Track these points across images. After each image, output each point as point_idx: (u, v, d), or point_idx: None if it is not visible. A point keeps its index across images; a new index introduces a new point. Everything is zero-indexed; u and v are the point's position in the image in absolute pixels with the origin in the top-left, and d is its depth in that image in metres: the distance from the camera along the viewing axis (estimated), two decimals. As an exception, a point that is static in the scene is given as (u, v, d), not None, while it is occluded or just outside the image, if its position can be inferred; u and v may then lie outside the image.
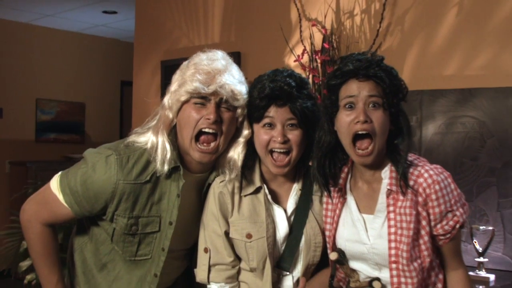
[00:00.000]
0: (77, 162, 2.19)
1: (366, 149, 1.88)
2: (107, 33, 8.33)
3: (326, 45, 3.83)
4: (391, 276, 1.89)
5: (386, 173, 1.94)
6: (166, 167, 2.10)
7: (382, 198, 1.93)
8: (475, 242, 3.14)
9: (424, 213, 1.88)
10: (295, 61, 3.90)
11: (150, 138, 2.14)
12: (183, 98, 2.08)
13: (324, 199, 2.11)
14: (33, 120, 8.02)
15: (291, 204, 2.14)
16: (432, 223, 1.88)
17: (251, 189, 2.13)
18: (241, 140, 2.16)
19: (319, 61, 3.85)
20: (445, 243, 1.91)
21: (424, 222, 1.88)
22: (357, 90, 1.89)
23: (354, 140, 1.90)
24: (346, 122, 1.90)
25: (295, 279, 2.12)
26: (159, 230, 2.17)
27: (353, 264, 2.01)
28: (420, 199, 1.87)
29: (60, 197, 2.14)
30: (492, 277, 3.07)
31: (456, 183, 1.93)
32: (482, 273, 3.08)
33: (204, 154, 2.10)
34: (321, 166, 2.01)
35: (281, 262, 2.10)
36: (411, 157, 1.96)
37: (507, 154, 3.31)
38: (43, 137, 8.12)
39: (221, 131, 2.09)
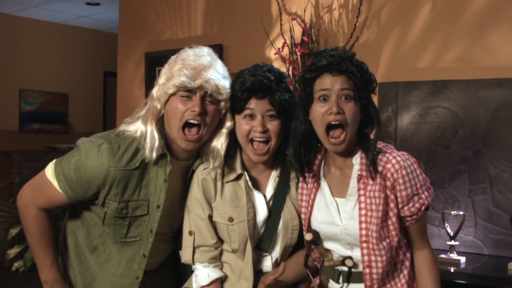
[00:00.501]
0: (61, 152, 2.30)
1: (339, 138, 2.01)
2: (90, 24, 8.33)
3: (305, 39, 3.91)
4: (362, 255, 2.02)
5: (357, 160, 2.07)
6: (154, 154, 2.22)
7: (353, 183, 2.06)
8: (446, 226, 3.26)
9: (392, 196, 2.01)
10: (275, 53, 3.98)
11: (140, 127, 2.25)
12: (170, 91, 2.20)
13: (300, 184, 2.23)
14: (16, 111, 8.02)
15: (270, 190, 2.26)
16: (400, 206, 2.02)
17: (232, 176, 2.25)
18: (224, 131, 2.28)
19: (298, 53, 3.93)
20: (411, 224, 2.05)
21: (392, 205, 2.01)
22: (330, 84, 2.01)
23: (328, 129, 2.02)
24: (320, 113, 2.02)
25: (273, 259, 2.24)
26: (147, 213, 2.29)
27: (327, 244, 2.14)
28: (388, 183, 2.00)
29: (55, 183, 2.25)
30: (463, 259, 3.19)
31: (429, 170, 2.07)
32: (454, 256, 3.20)
33: (189, 142, 2.22)
34: (296, 154, 2.14)
35: (261, 243, 2.23)
36: (379, 144, 2.09)
37: (477, 143, 3.42)
38: (27, 127, 8.12)
39: (205, 123, 2.22)
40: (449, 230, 3.26)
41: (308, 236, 2.14)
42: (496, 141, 3.38)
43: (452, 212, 3.32)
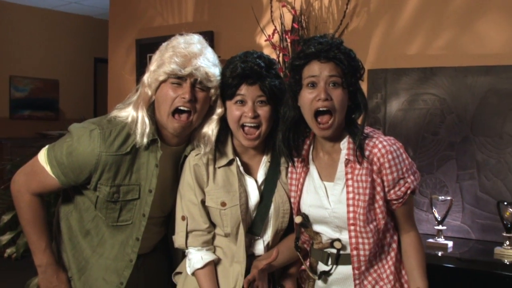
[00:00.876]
0: (52, 138, 2.33)
1: (327, 123, 2.04)
2: (80, 11, 8.31)
3: (295, 25, 3.93)
4: (350, 237, 2.06)
5: (345, 145, 2.10)
6: (145, 140, 2.25)
7: (341, 167, 2.10)
8: (434, 211, 3.31)
9: (378, 180, 2.05)
10: (266, 40, 4.00)
11: (131, 113, 2.28)
12: (161, 78, 2.23)
13: (289, 169, 2.26)
14: (7, 97, 8.00)
15: (261, 175, 2.30)
16: (386, 189, 2.06)
17: (224, 161, 2.28)
18: (215, 117, 2.30)
19: (289, 40, 3.94)
20: (398, 207, 2.09)
21: (378, 188, 2.05)
22: (318, 71, 2.04)
23: (316, 115, 2.05)
24: (309, 99, 2.05)
25: (265, 243, 2.28)
26: (139, 198, 2.32)
27: (316, 227, 2.18)
28: (375, 167, 2.04)
29: (48, 168, 2.28)
30: (450, 243, 3.25)
31: (417, 156, 2.11)
32: (441, 240, 3.25)
33: (178, 126, 2.25)
34: (285, 139, 2.17)
35: (253, 227, 2.26)
36: (367, 130, 2.12)
37: (465, 129, 3.46)
38: (18, 114, 8.11)
39: (195, 109, 2.25)
40: (436, 215, 3.31)
41: (297, 219, 2.18)
42: (484, 128, 3.42)
43: (440, 197, 3.36)
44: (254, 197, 2.27)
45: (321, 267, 2.20)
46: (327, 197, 2.13)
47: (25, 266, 3.06)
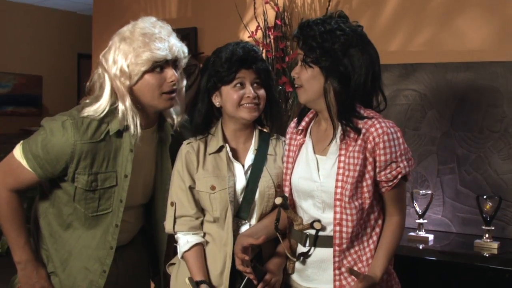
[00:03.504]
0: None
1: None
2: (64, 6, 8.26)
3: (278, 22, 3.96)
4: (335, 212, 2.10)
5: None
6: (139, 130, 2.29)
7: (336, 142, 2.15)
8: (415, 205, 3.36)
9: (370, 159, 2.07)
10: (249, 37, 4.02)
11: (103, 105, 2.29)
12: (144, 68, 2.25)
13: (287, 141, 2.35)
14: (-11, 94, 7.97)
15: (248, 161, 2.38)
16: (377, 170, 2.08)
17: (214, 148, 2.36)
18: (182, 89, 2.43)
19: (272, 37, 3.98)
20: (387, 190, 2.11)
21: (369, 167, 2.08)
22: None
23: None
24: None
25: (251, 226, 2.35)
26: (116, 184, 2.35)
27: (302, 203, 2.23)
28: (369, 146, 2.06)
29: (24, 162, 2.29)
30: (431, 237, 3.30)
31: None
32: (422, 233, 3.31)
33: (170, 104, 2.34)
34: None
35: (240, 212, 2.33)
36: (368, 112, 2.14)
37: (445, 125, 3.51)
38: (0, 110, 8.07)
39: (177, 87, 2.35)
40: (417, 209, 3.36)
41: (277, 200, 2.22)
42: (464, 123, 3.46)
43: (421, 191, 3.41)
44: (241, 181, 2.35)
45: (300, 249, 2.24)
46: (317, 171, 2.18)
47: (9, 263, 3.06)
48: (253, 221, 2.34)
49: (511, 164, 3.33)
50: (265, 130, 2.48)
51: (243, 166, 2.37)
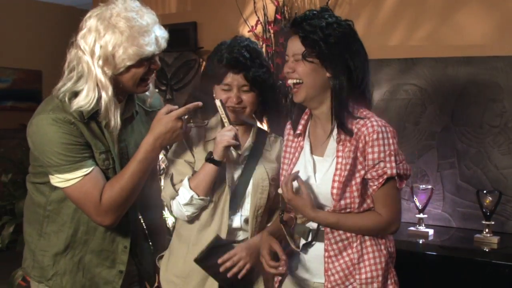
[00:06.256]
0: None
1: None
2: (63, 0, 8.25)
3: (278, 16, 3.97)
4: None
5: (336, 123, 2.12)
6: (118, 122, 2.24)
7: (332, 144, 2.13)
8: (415, 199, 3.36)
9: (361, 159, 2.05)
10: (249, 31, 4.03)
11: (102, 98, 2.20)
12: (130, 63, 2.19)
13: (285, 142, 2.33)
14: (-11, 89, 7.95)
15: (245, 152, 2.39)
16: (366, 168, 2.06)
17: (214, 135, 2.35)
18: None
19: (272, 31, 3.99)
20: (374, 190, 2.08)
21: (359, 167, 2.06)
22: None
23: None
24: None
25: (243, 218, 2.36)
26: (113, 164, 2.31)
27: None
28: (360, 145, 2.04)
29: (76, 174, 2.19)
30: (431, 231, 3.31)
31: (399, 146, 2.09)
32: (422, 228, 3.32)
33: (145, 90, 2.32)
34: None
35: (231, 202, 2.34)
36: (364, 112, 2.11)
37: (445, 119, 3.51)
38: (0, 105, 8.06)
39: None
40: (418, 204, 3.37)
41: (281, 191, 2.19)
42: (464, 118, 3.47)
43: (421, 186, 3.41)
44: (236, 170, 2.37)
45: (303, 243, 2.23)
46: (314, 173, 2.17)
47: (10, 257, 3.04)
48: (245, 211, 2.36)
49: (511, 158, 3.34)
50: (264, 126, 2.50)
51: (239, 155, 2.39)
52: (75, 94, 2.23)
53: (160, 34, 2.24)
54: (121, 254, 2.37)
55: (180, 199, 2.30)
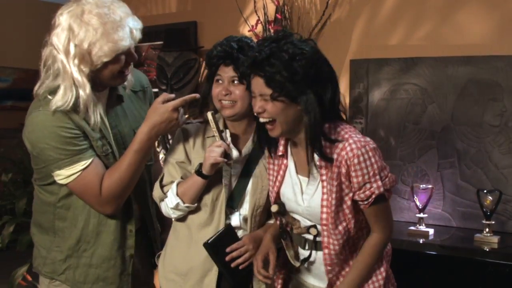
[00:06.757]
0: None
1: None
2: (63, 0, 8.26)
3: (278, 16, 3.96)
4: (322, 236, 2.09)
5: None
6: (98, 119, 2.25)
7: (315, 166, 2.10)
8: (416, 199, 3.36)
9: (347, 183, 2.03)
10: (249, 31, 4.03)
11: (80, 96, 2.19)
12: (107, 59, 2.18)
13: (267, 159, 2.31)
14: (-12, 88, 7.94)
15: (246, 150, 2.39)
16: (353, 190, 2.04)
17: (212, 133, 2.35)
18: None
19: (272, 31, 3.98)
20: (365, 207, 2.06)
21: (347, 190, 2.04)
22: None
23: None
24: None
25: (242, 216, 2.36)
26: (111, 150, 2.33)
27: (293, 215, 2.22)
28: (343, 170, 2.01)
29: (79, 167, 2.22)
30: (431, 231, 3.32)
31: (399, 146, 2.08)
32: (422, 228, 3.32)
33: (123, 81, 2.33)
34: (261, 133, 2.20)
35: (230, 200, 2.35)
36: (343, 129, 2.07)
37: (446, 119, 3.51)
38: (0, 104, 8.06)
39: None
40: (418, 203, 3.36)
41: (273, 208, 2.21)
42: (464, 117, 3.46)
43: (421, 186, 3.40)
44: (236, 168, 2.38)
45: (302, 253, 2.23)
46: (301, 194, 2.16)
47: (10, 257, 3.03)
48: (243, 211, 2.36)
49: (511, 158, 3.33)
50: None
51: (240, 152, 2.38)
52: (54, 91, 2.23)
53: (134, 25, 2.23)
54: (128, 238, 2.41)
55: (168, 202, 2.34)
